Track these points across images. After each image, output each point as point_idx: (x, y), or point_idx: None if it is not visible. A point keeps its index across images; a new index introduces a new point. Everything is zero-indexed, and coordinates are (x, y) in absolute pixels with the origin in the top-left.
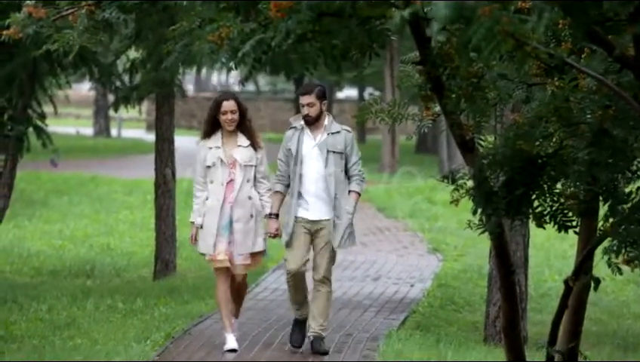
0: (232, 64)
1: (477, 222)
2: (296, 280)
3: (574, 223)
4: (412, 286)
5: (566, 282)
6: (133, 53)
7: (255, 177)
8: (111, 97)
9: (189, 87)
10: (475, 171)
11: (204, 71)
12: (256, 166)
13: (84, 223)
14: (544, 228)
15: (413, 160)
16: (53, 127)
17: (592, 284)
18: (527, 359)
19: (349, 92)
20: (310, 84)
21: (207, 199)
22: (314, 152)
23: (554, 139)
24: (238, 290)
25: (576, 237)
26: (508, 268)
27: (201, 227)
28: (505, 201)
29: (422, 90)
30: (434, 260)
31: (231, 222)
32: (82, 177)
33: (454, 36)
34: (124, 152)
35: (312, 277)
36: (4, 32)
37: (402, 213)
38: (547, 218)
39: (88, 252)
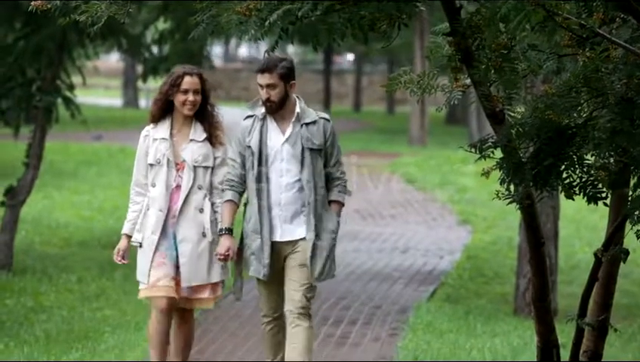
0: (259, 34)
1: (504, 192)
2: (278, 326)
3: (604, 195)
4: (441, 258)
5: (596, 254)
6: (161, 24)
7: (211, 183)
8: (140, 68)
9: (217, 59)
10: (504, 141)
11: (232, 42)
12: (213, 168)
13: (112, 194)
14: (573, 199)
15: (443, 131)
16: (82, 97)
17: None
18: (557, 331)
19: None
20: (271, 59)
21: (147, 209)
22: (284, 150)
23: (585, 110)
24: (183, 335)
25: (607, 208)
26: (538, 239)
27: (140, 245)
28: (533, 172)
29: (451, 61)
30: (463, 232)
31: (176, 243)
32: (111, 148)
33: (484, 7)
34: None
35: (286, 310)
36: (32, 3)
37: (431, 185)
38: (576, 189)
39: (117, 223)
